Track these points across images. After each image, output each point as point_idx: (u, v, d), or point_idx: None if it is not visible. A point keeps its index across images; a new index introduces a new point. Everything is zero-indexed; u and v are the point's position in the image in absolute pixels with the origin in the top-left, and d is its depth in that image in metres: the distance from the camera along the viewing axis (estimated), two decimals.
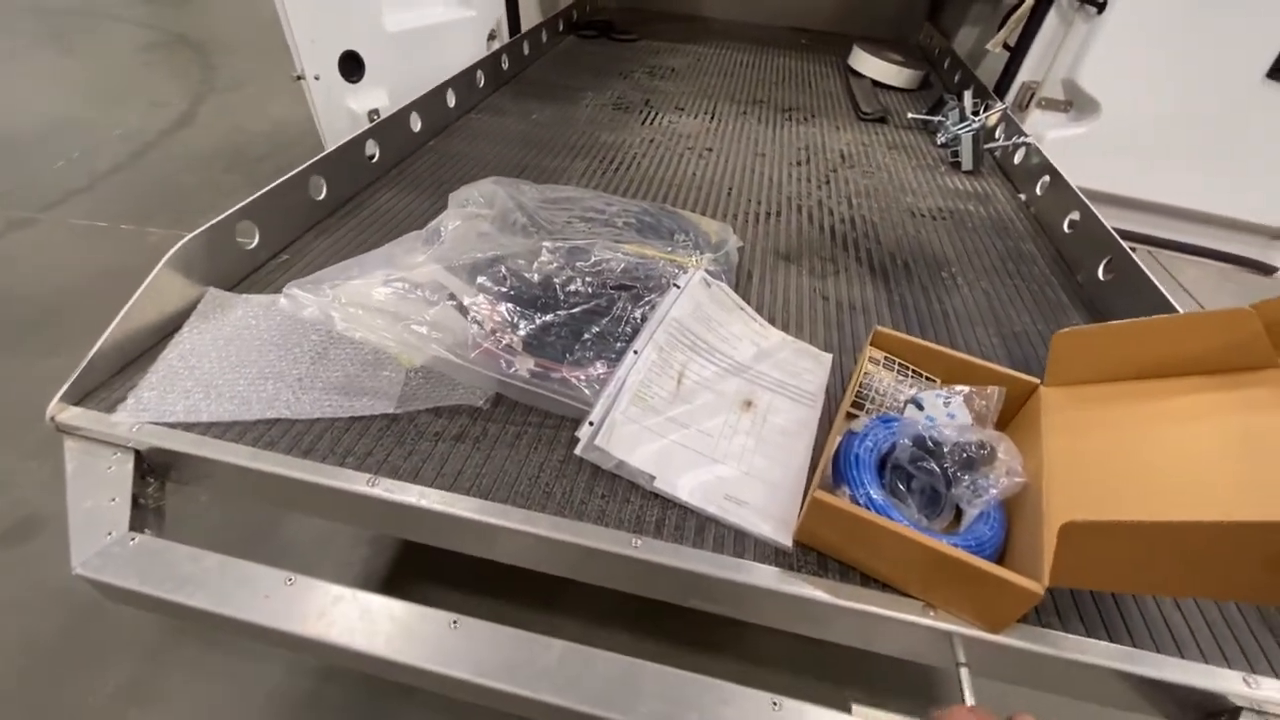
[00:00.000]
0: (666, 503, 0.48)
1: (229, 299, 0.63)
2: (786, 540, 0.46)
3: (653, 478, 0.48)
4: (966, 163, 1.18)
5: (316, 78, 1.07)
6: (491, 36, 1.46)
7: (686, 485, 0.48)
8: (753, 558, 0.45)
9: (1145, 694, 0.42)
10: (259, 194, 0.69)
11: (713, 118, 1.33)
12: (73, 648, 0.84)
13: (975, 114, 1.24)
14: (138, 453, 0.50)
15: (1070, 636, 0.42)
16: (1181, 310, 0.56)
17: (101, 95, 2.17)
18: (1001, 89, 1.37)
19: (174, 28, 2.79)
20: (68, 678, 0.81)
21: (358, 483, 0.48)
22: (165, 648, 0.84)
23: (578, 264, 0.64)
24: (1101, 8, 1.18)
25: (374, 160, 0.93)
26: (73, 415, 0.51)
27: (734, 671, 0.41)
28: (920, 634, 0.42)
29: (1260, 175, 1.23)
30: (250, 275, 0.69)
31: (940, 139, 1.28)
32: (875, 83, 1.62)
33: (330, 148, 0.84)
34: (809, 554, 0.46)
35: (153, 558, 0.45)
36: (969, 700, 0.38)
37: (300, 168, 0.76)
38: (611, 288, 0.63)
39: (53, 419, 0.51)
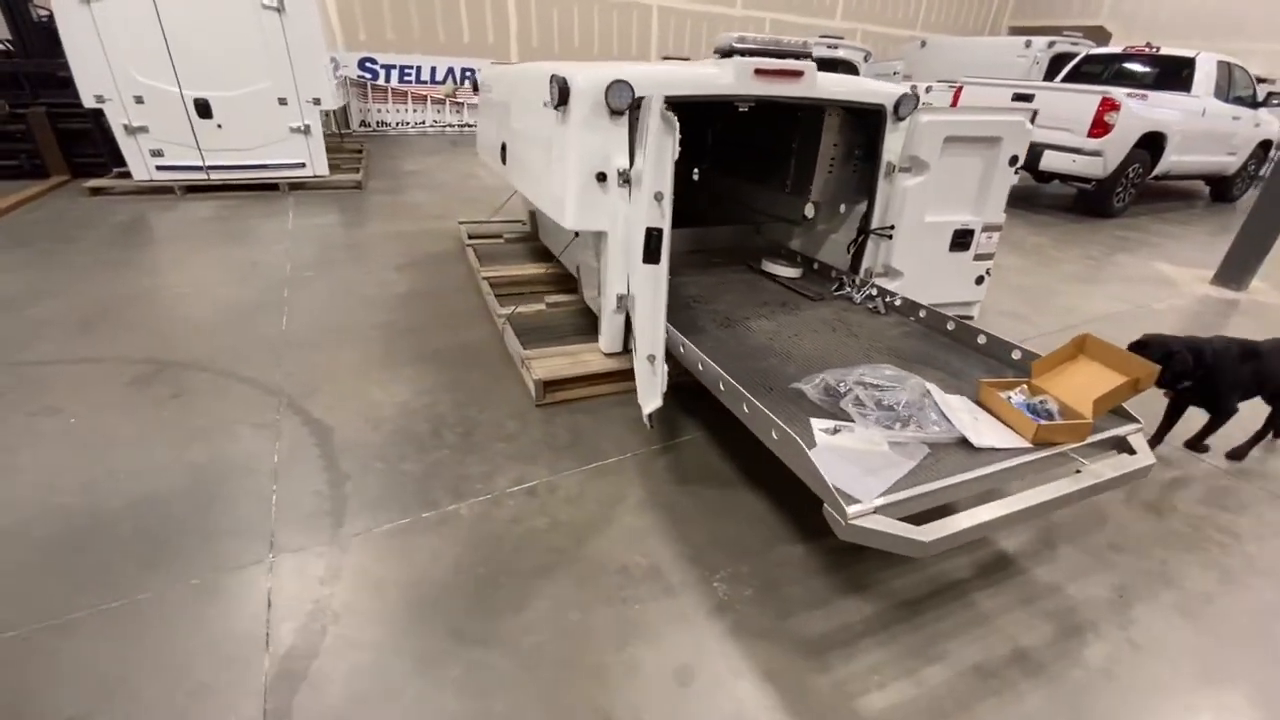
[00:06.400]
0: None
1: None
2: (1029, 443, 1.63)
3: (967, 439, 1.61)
4: (880, 309, 2.61)
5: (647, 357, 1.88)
6: None
7: (975, 437, 1.62)
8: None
9: None
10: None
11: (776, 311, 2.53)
12: None
13: (864, 285, 2.72)
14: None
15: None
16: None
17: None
18: (855, 269, 2.90)
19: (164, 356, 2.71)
20: None
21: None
22: None
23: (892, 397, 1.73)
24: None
25: None
26: (854, 511, 1.36)
27: None
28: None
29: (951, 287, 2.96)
30: None
31: (858, 299, 2.70)
32: (783, 277, 3.03)
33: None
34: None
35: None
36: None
37: None
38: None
39: (848, 522, 1.35)
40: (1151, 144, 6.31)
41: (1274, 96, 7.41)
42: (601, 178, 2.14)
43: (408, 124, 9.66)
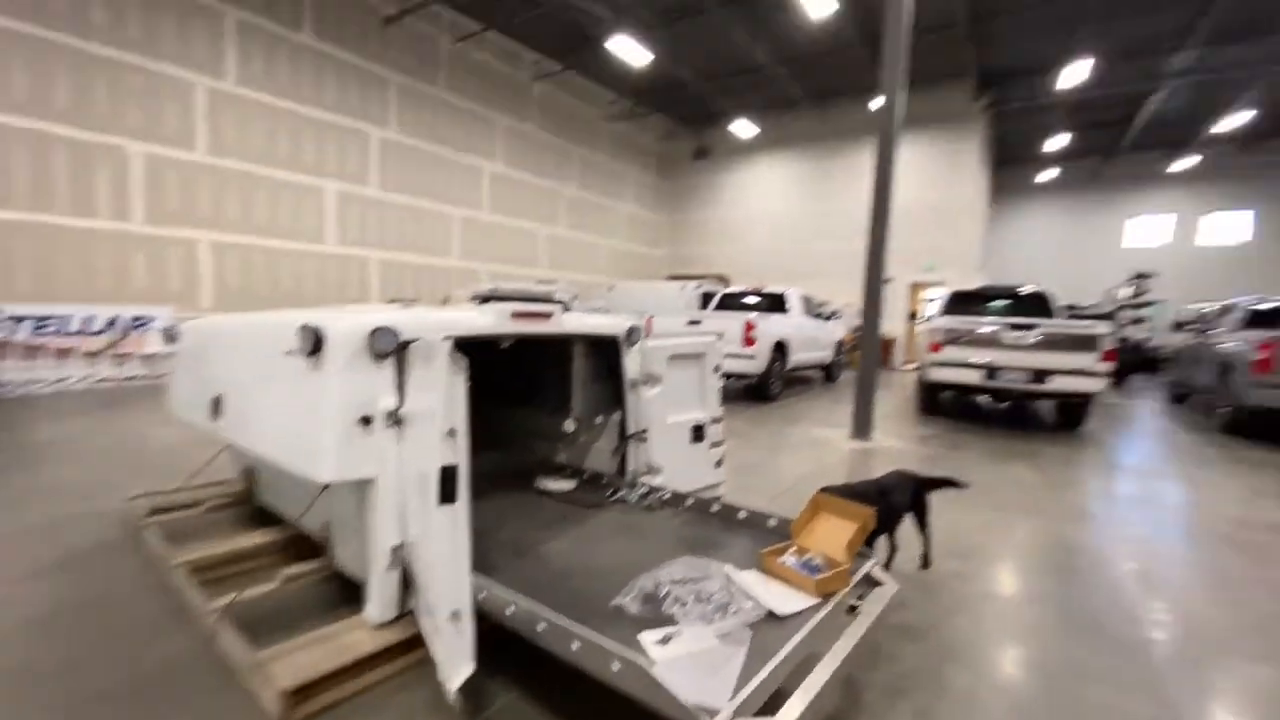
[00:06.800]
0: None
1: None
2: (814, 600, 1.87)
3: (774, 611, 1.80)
4: (654, 505, 2.82)
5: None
6: None
7: (779, 607, 1.81)
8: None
9: None
10: None
11: (562, 528, 2.47)
12: None
13: (635, 486, 2.93)
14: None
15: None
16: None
17: None
18: (622, 472, 3.13)
19: None
20: None
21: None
22: None
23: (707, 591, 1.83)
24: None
25: None
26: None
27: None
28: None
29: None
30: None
31: (632, 500, 2.88)
32: (559, 492, 3.08)
33: None
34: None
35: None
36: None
37: None
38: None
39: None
40: (781, 349, 8.82)
41: (835, 314, 11.45)
42: (366, 421, 1.99)
43: (41, 382, 7.53)
